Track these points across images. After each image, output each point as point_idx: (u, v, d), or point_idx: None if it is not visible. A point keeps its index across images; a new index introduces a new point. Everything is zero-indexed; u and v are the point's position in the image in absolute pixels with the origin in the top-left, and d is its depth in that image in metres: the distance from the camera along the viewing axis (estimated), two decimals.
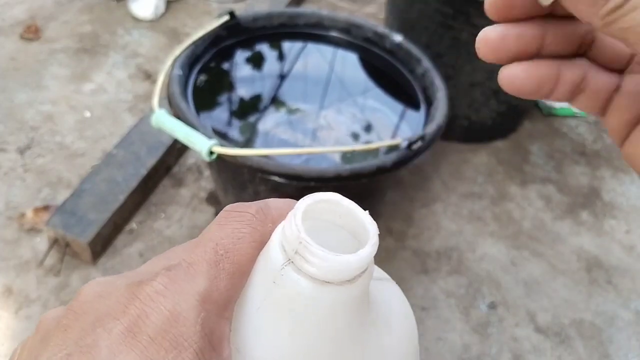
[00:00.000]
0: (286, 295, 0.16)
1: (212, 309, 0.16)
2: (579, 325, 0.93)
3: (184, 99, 0.74)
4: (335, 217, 0.18)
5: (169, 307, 0.15)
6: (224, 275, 0.16)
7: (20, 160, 1.07)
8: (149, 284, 0.16)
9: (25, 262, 0.91)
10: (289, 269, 0.16)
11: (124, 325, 0.15)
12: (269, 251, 0.17)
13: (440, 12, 0.99)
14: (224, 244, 0.17)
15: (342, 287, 0.16)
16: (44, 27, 1.38)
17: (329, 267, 0.15)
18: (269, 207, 0.18)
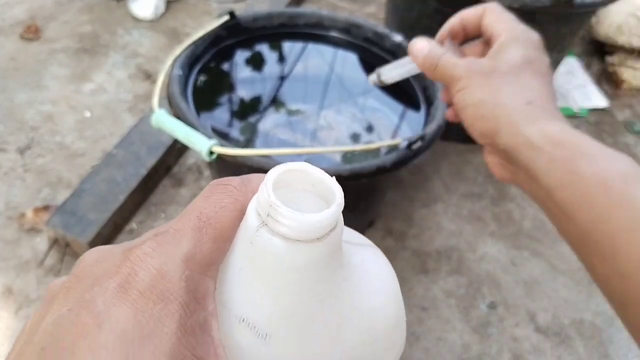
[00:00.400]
0: (262, 254, 0.18)
1: (196, 268, 0.18)
2: (579, 325, 0.93)
3: (184, 99, 0.74)
4: (307, 185, 0.19)
5: (156, 266, 0.17)
6: (206, 239, 0.18)
7: (20, 160, 1.07)
8: (139, 247, 0.18)
9: (25, 262, 0.91)
10: (263, 231, 0.18)
11: (117, 282, 0.17)
12: (246, 216, 0.19)
13: (440, 12, 0.99)
14: (207, 212, 0.19)
15: (312, 244, 0.17)
16: (44, 27, 1.38)
17: (297, 226, 0.17)
18: (250, 180, 0.20)
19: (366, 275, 0.21)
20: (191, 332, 0.17)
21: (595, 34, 1.45)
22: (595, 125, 1.32)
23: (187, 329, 0.17)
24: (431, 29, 1.03)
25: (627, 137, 1.31)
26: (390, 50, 0.90)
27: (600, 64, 1.48)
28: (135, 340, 0.16)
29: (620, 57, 1.41)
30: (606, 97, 1.39)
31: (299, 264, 0.18)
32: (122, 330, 0.16)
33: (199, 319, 0.18)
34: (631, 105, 1.40)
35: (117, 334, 0.16)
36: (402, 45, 0.89)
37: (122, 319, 0.16)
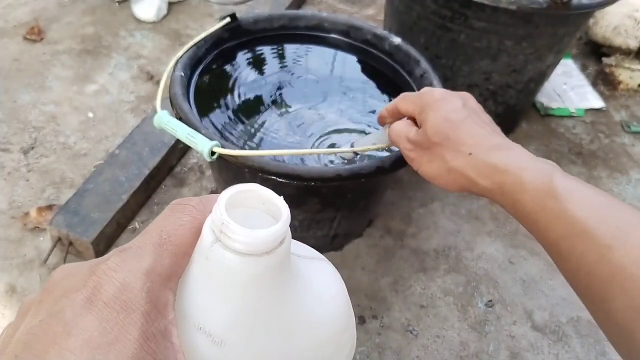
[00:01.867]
0: (216, 268, 0.20)
1: (157, 281, 0.19)
2: (576, 323, 0.94)
3: (186, 100, 0.75)
4: (258, 204, 0.21)
5: (120, 279, 0.19)
6: (166, 254, 0.20)
7: (23, 160, 1.09)
8: (105, 262, 0.19)
9: (28, 261, 0.92)
10: (217, 246, 0.19)
11: (84, 294, 0.19)
12: (202, 234, 0.20)
13: (439, 14, 1.00)
14: (167, 229, 0.21)
15: (261, 257, 0.19)
16: (46, 28, 1.39)
17: (247, 241, 0.19)
18: (208, 200, 0.22)
19: (314, 285, 0.23)
20: (152, 339, 0.19)
21: (592, 35, 1.46)
22: (592, 125, 1.34)
23: (149, 336, 0.19)
24: (429, 31, 1.04)
25: (624, 138, 1.32)
26: (390, 52, 0.91)
27: (597, 65, 1.49)
28: (101, 345, 0.17)
29: (617, 59, 1.43)
30: (603, 98, 1.40)
31: (249, 275, 0.20)
32: (89, 337, 0.18)
33: (160, 327, 0.19)
34: (628, 105, 1.41)
35: (84, 340, 0.17)
36: (401, 47, 0.90)
37: (88, 327, 0.18)
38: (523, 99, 1.17)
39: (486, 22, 0.97)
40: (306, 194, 0.76)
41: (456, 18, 0.98)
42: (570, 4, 0.90)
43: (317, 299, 0.23)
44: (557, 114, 1.33)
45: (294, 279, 0.22)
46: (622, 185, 1.20)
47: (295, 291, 0.22)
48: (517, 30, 0.98)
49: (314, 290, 0.23)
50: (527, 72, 1.08)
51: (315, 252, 0.26)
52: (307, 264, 0.24)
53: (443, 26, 1.01)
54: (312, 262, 0.25)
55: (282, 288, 0.21)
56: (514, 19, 0.95)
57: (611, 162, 1.25)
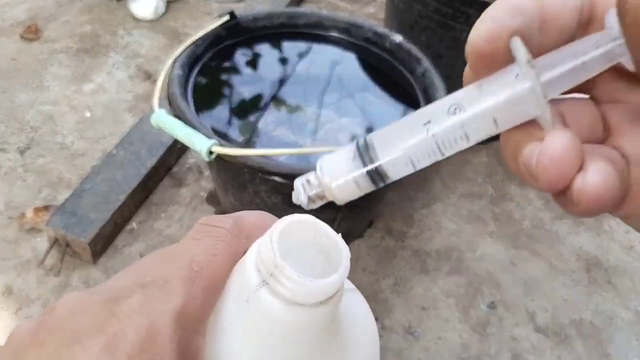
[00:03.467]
0: (258, 314, 0.17)
1: (188, 326, 0.16)
2: (578, 324, 0.94)
3: (184, 98, 0.74)
4: (309, 237, 0.18)
5: (145, 325, 0.15)
6: (198, 292, 0.17)
7: (20, 160, 1.08)
8: (125, 301, 0.16)
9: (25, 262, 0.92)
10: (263, 290, 0.16)
11: (102, 343, 0.15)
12: (244, 270, 0.17)
13: (440, 12, 0.99)
14: (199, 260, 0.17)
15: (314, 308, 0.17)
16: (44, 27, 1.38)
17: (302, 291, 0.16)
18: (242, 222, 0.19)
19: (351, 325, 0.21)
20: None
21: None
22: None
23: None
24: (431, 29, 1.03)
25: None
26: (390, 50, 0.90)
27: None
28: None
29: None
30: None
31: (297, 327, 0.17)
32: None
33: None
34: None
35: None
36: (402, 45, 0.89)
37: None
38: None
39: None
40: None
41: (458, 16, 0.97)
42: None
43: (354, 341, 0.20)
44: None
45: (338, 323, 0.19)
46: None
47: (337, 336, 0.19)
48: None
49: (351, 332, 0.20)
50: None
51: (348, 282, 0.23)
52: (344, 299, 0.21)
53: (445, 24, 1.00)
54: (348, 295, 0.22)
55: (328, 337, 0.18)
56: None
57: None
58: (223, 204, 1.00)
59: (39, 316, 0.17)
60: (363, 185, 0.19)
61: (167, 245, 0.74)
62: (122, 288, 0.17)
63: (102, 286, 0.18)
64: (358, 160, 0.19)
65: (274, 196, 0.76)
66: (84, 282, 0.90)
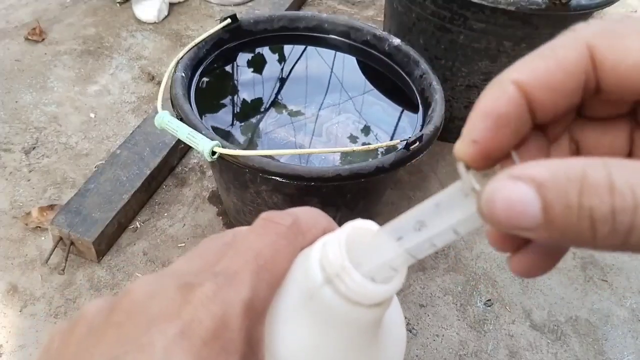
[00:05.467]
0: (320, 310, 0.18)
1: (254, 317, 0.18)
2: (574, 322, 0.95)
3: (187, 100, 0.76)
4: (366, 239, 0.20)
5: (219, 313, 0.16)
6: (264, 285, 0.18)
7: (25, 160, 1.09)
8: (199, 289, 0.17)
9: (30, 261, 0.93)
10: (327, 289, 0.18)
11: (178, 327, 0.16)
12: (309, 267, 0.18)
13: (438, 15, 1.01)
14: (264, 254, 0.18)
15: (371, 308, 0.18)
16: (48, 29, 1.40)
17: (365, 294, 0.18)
18: (300, 220, 0.20)
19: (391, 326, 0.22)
20: None
21: None
22: None
23: None
24: (429, 32, 1.05)
25: None
26: (389, 53, 0.92)
27: None
28: None
29: None
30: None
31: (354, 324, 0.18)
32: None
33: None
34: None
35: None
36: (400, 48, 0.90)
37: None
38: None
39: (485, 23, 0.97)
40: (306, 193, 0.77)
41: (455, 19, 0.99)
42: (569, 4, 0.90)
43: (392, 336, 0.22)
44: None
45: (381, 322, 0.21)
46: None
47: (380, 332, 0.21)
48: (516, 31, 0.98)
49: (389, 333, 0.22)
50: None
51: None
52: None
53: (442, 27, 1.02)
54: None
55: (374, 334, 0.20)
56: (512, 20, 0.96)
57: None
58: (225, 203, 1.01)
59: (113, 297, 0.18)
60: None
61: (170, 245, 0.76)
62: (193, 275, 0.18)
63: (172, 270, 0.19)
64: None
65: (275, 196, 0.77)
66: (88, 281, 0.92)
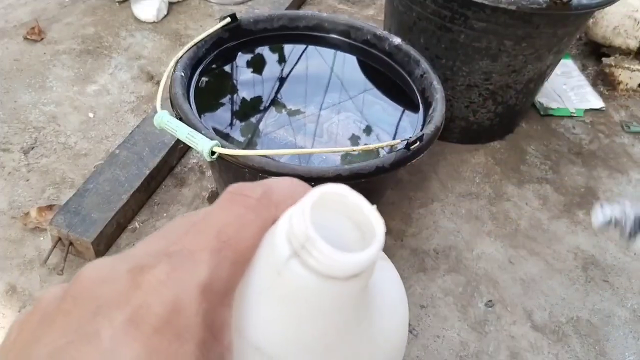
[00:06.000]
0: (290, 287, 0.16)
1: (214, 299, 0.16)
2: (575, 323, 0.94)
3: (186, 100, 0.75)
4: (342, 208, 0.18)
5: (171, 297, 0.15)
6: (226, 263, 0.16)
7: (24, 160, 1.09)
8: (151, 272, 0.15)
9: (29, 261, 0.93)
10: (294, 262, 0.16)
11: (127, 314, 0.15)
12: (274, 242, 0.17)
13: (438, 15, 1.01)
14: (227, 231, 0.17)
15: (346, 281, 0.16)
16: (47, 28, 1.39)
17: (335, 265, 0.16)
18: (272, 191, 0.18)
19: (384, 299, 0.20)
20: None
21: (591, 35, 1.46)
22: (591, 125, 1.34)
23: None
24: (429, 31, 1.04)
25: (624, 138, 1.32)
26: (389, 53, 0.91)
27: (596, 65, 1.49)
28: None
29: (617, 59, 1.43)
30: (602, 98, 1.40)
31: (328, 300, 0.17)
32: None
33: (215, 356, 0.16)
34: (627, 106, 1.41)
35: None
36: (401, 47, 0.90)
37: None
38: (523, 99, 1.17)
39: (486, 22, 0.97)
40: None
41: (456, 18, 0.99)
42: (570, 4, 0.90)
43: (385, 313, 0.20)
44: (556, 114, 1.33)
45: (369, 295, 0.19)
46: (622, 185, 1.20)
47: (367, 311, 0.19)
48: (516, 31, 0.98)
49: (382, 304, 0.20)
50: (526, 73, 1.08)
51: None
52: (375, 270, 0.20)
53: (443, 26, 1.01)
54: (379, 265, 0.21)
55: (359, 310, 0.18)
56: (513, 19, 0.96)
57: (611, 162, 1.25)
58: None
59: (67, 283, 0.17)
60: None
61: None
62: (147, 257, 0.16)
63: (127, 253, 0.17)
64: None
65: None
66: None
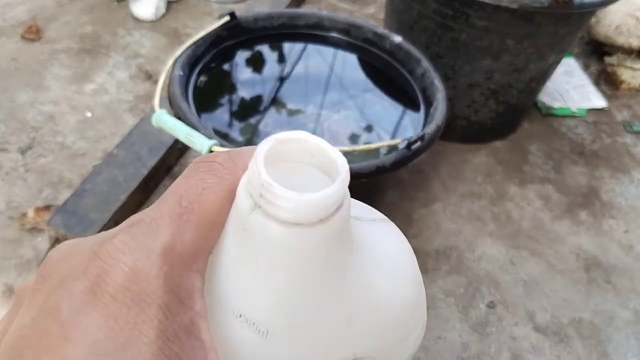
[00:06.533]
0: (257, 241, 0.16)
1: (177, 263, 0.16)
2: (577, 324, 0.94)
3: (185, 99, 0.75)
4: (307, 157, 0.17)
5: (129, 263, 0.15)
6: (188, 226, 0.16)
7: (21, 160, 1.08)
8: (110, 241, 0.15)
9: (26, 262, 0.92)
10: (256, 214, 0.15)
11: (85, 284, 0.15)
12: (236, 198, 0.16)
13: (440, 13, 1.00)
14: (188, 195, 0.16)
15: (314, 227, 0.15)
16: (45, 27, 1.38)
17: (296, 208, 0.15)
18: (240, 155, 0.17)
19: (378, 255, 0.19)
20: (174, 338, 0.15)
21: (594, 34, 1.45)
22: (594, 125, 1.33)
23: (170, 335, 0.15)
24: (430, 30, 1.03)
25: (626, 138, 1.31)
26: (390, 51, 0.91)
27: (599, 64, 1.48)
28: (109, 352, 0.14)
29: (619, 58, 1.42)
30: (605, 97, 1.39)
31: (299, 250, 0.16)
32: (92, 341, 0.14)
33: (184, 322, 0.15)
34: (630, 105, 1.40)
35: (86, 347, 0.14)
36: (402, 46, 0.89)
37: (91, 328, 0.14)
38: (525, 98, 1.16)
39: (488, 21, 0.96)
40: None
41: (457, 17, 0.98)
42: (572, 2, 0.89)
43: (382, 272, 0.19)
44: (559, 114, 1.33)
45: (353, 249, 0.17)
46: (625, 185, 1.19)
47: (356, 265, 0.17)
48: (518, 29, 0.97)
49: (378, 262, 0.18)
50: (528, 72, 1.07)
51: (376, 212, 0.21)
52: (368, 228, 0.19)
53: (444, 25, 1.01)
54: (374, 225, 0.20)
55: (339, 263, 0.17)
56: (515, 17, 0.95)
57: (613, 162, 1.24)
58: None
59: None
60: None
61: None
62: (111, 232, 0.16)
63: (100, 234, 0.17)
64: None
65: None
66: None
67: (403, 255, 0.20)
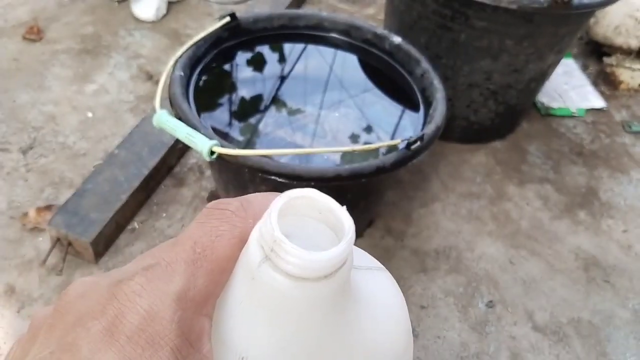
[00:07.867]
0: (264, 291, 0.17)
1: (189, 307, 0.17)
2: (576, 324, 0.94)
3: (185, 99, 0.75)
4: (314, 212, 0.18)
5: (145, 306, 0.16)
6: (201, 272, 0.17)
7: (22, 160, 1.08)
8: (127, 283, 0.16)
9: (27, 261, 0.92)
10: (266, 266, 0.16)
11: (103, 324, 0.16)
12: (248, 249, 0.17)
13: (439, 14, 1.00)
14: (202, 242, 0.17)
15: (319, 283, 0.16)
16: (46, 28, 1.39)
17: (304, 265, 0.16)
18: (249, 203, 0.19)
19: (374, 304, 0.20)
20: None
21: (593, 34, 1.46)
22: (593, 125, 1.33)
23: None
24: (430, 31, 1.04)
25: (625, 138, 1.32)
26: (390, 52, 0.91)
27: (598, 64, 1.49)
28: None
29: (618, 58, 1.42)
30: (604, 97, 1.40)
31: (303, 302, 0.17)
32: None
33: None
34: (629, 105, 1.40)
35: None
36: (401, 46, 0.89)
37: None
38: (524, 98, 1.16)
39: (487, 21, 0.96)
40: None
41: (457, 17, 0.98)
42: (571, 3, 0.90)
43: (378, 321, 0.20)
44: (558, 114, 1.33)
45: (352, 300, 0.19)
46: (623, 185, 1.20)
47: (354, 315, 0.19)
48: (518, 30, 0.97)
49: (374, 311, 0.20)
50: (528, 72, 1.08)
51: (373, 260, 0.23)
52: (365, 277, 0.20)
53: (443, 26, 1.01)
54: (371, 275, 0.21)
55: (340, 313, 0.18)
56: (514, 18, 0.95)
57: (612, 162, 1.25)
58: None
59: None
60: None
61: None
62: (127, 272, 0.17)
63: (113, 271, 0.18)
64: None
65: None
66: None
67: (397, 307, 0.22)
